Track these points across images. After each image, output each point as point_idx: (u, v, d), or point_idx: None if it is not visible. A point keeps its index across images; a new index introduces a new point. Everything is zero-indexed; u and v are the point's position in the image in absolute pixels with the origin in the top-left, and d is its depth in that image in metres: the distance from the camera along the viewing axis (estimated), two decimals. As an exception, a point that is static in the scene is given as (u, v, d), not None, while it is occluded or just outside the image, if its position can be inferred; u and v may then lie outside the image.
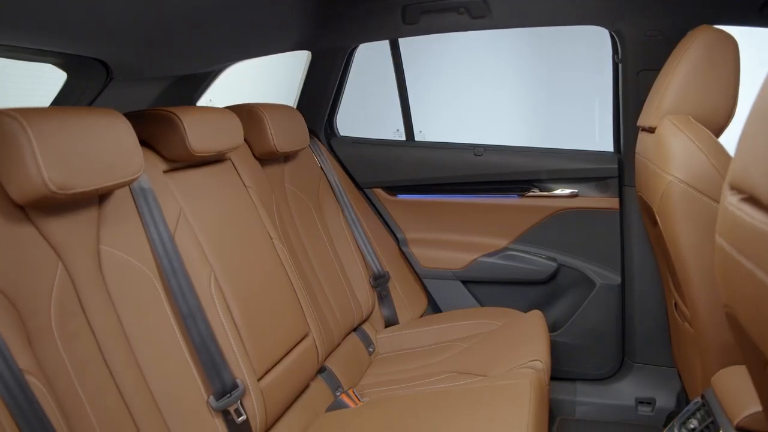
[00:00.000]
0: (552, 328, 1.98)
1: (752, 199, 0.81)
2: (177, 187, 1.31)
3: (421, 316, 2.06)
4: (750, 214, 0.80)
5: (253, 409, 1.24)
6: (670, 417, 1.91)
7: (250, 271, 1.40)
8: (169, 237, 1.20)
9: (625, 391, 1.95)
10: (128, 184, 1.11)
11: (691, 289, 1.33)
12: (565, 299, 2.01)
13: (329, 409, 1.54)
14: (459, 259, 2.03)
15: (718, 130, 1.40)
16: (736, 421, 1.12)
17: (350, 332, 1.85)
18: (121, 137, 1.09)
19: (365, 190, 2.13)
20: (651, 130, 1.47)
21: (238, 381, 1.22)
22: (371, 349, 1.88)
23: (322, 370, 1.64)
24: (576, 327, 1.98)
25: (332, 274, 1.82)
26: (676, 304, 1.64)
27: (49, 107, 1.09)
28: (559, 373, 2.00)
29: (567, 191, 1.94)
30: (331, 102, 2.10)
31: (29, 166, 0.92)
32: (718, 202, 1.31)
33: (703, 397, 1.28)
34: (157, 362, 1.11)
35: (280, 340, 1.41)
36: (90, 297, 1.03)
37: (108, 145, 1.05)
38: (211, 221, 1.35)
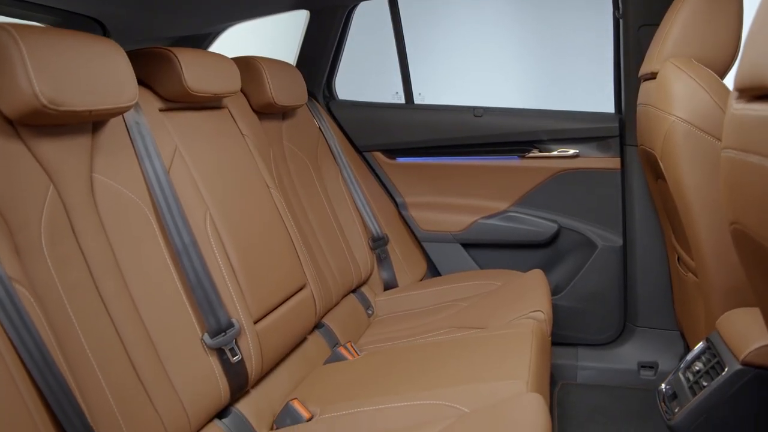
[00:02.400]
0: (553, 291, 1.96)
1: (762, 96, 0.79)
2: (173, 126, 1.29)
3: (420, 280, 2.04)
4: (759, 108, 0.78)
5: (249, 350, 1.22)
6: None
7: (246, 215, 1.38)
8: (164, 171, 1.18)
9: (628, 356, 1.93)
10: (122, 112, 1.09)
11: (696, 231, 1.31)
12: (566, 262, 1.98)
13: (327, 362, 1.52)
14: (459, 222, 2.01)
15: (723, 72, 1.38)
16: (741, 357, 1.10)
17: (349, 293, 1.82)
18: (116, 63, 1.07)
19: (364, 153, 2.11)
20: (653, 76, 1.45)
21: (234, 320, 1.20)
22: (370, 312, 1.86)
23: (320, 326, 1.62)
24: (577, 290, 1.95)
25: (330, 234, 1.80)
26: (679, 258, 1.62)
27: (44, 26, 1.07)
28: (560, 338, 1.98)
29: (568, 152, 1.92)
30: (330, 63, 2.09)
31: (20, 77, 0.90)
32: (721, 140, 1.30)
33: (707, 340, 1.25)
34: (150, 295, 1.09)
35: (277, 287, 1.39)
36: (82, 222, 1.01)
37: (102, 68, 1.03)
38: (206, 163, 1.33)
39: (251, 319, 1.26)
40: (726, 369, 1.12)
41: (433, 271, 2.10)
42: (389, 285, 1.96)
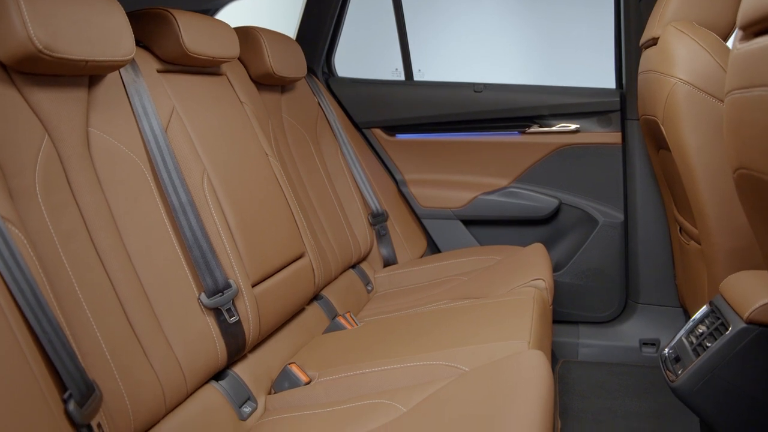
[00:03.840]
0: (554, 268, 1.94)
1: (766, 30, 0.78)
2: (171, 87, 1.28)
3: (420, 258, 2.02)
4: (763, 41, 0.77)
5: (246, 312, 1.20)
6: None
7: (244, 179, 1.36)
8: (161, 130, 1.17)
9: (629, 333, 1.91)
10: (119, 66, 1.08)
11: (698, 194, 1.29)
12: (567, 239, 1.97)
13: (326, 332, 1.50)
14: (459, 198, 2.00)
15: (725, 36, 1.37)
16: (746, 315, 1.08)
17: (348, 269, 1.81)
18: (113, 17, 1.06)
19: (364, 130, 2.10)
20: (654, 42, 1.44)
21: (231, 281, 1.18)
22: (369, 288, 1.84)
23: (319, 297, 1.60)
24: (578, 267, 1.94)
25: (329, 208, 1.79)
26: (681, 229, 1.61)
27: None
28: (561, 316, 1.96)
29: (569, 126, 1.91)
30: (329, 40, 2.08)
31: (15, 21, 0.89)
32: (723, 101, 1.29)
33: (711, 303, 1.24)
34: (145, 252, 1.07)
35: (275, 252, 1.37)
36: (77, 175, 0.99)
37: (99, 20, 1.02)
38: (204, 125, 1.32)
39: (249, 281, 1.24)
40: (730, 328, 1.11)
41: (433, 248, 2.08)
42: (389, 262, 1.94)
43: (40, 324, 0.77)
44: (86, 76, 1.06)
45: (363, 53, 2.41)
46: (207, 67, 1.42)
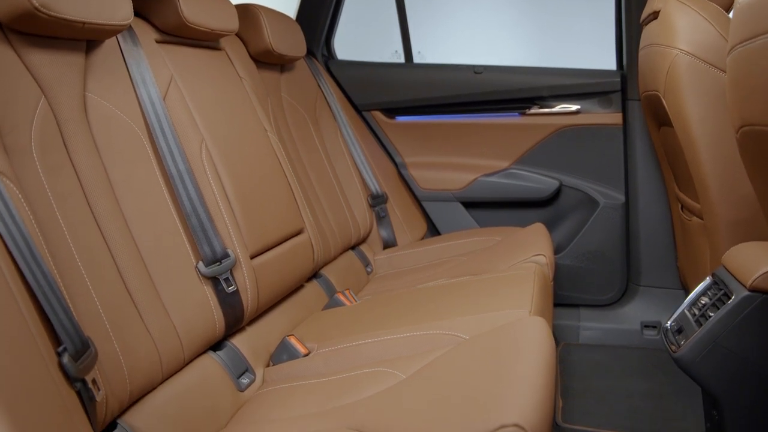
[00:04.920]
0: (554, 251, 1.93)
1: None
2: (169, 58, 1.27)
3: (420, 240, 2.01)
4: None
5: (245, 282, 1.19)
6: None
7: (243, 152, 1.35)
8: (159, 98, 1.16)
9: (630, 316, 1.90)
10: (116, 32, 1.07)
11: (700, 166, 1.28)
12: (567, 221, 1.96)
13: (325, 308, 1.49)
14: (459, 180, 1.99)
15: (728, 6, 1.36)
16: (749, 282, 1.07)
17: (348, 250, 1.80)
18: None
19: (363, 113, 2.09)
20: (654, 16, 1.43)
21: (229, 251, 1.17)
22: (369, 269, 1.83)
23: (318, 276, 1.59)
24: (579, 249, 1.93)
25: (329, 188, 1.78)
26: (682, 206, 1.60)
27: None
28: (562, 299, 1.95)
29: (569, 107, 1.90)
30: (328, 22, 2.07)
31: None
32: (725, 72, 1.28)
33: (713, 275, 1.23)
34: (143, 219, 1.06)
35: (274, 226, 1.36)
36: (74, 139, 0.98)
37: None
38: (202, 96, 1.31)
39: (247, 252, 1.23)
40: (733, 297, 1.09)
41: (433, 231, 2.07)
42: (388, 244, 1.93)
43: (34, 277, 0.76)
44: (84, 41, 1.05)
45: (363, 35, 2.40)
46: (206, 41, 1.41)
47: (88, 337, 0.81)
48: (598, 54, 2.04)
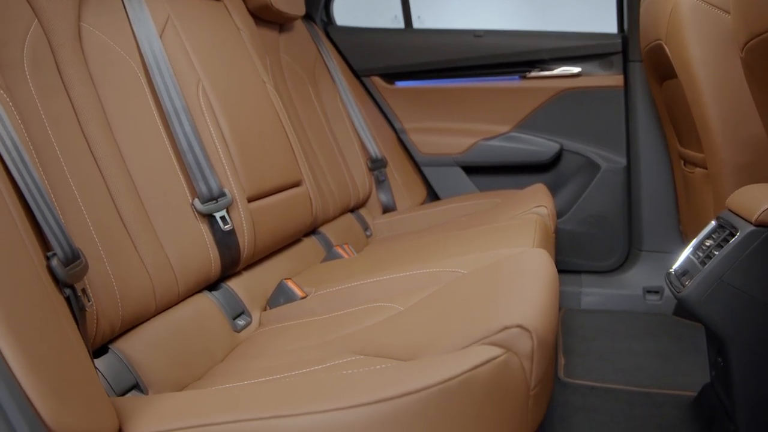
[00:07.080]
0: (556, 215, 1.91)
1: None
2: (167, 1, 1.25)
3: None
4: None
5: (241, 222, 1.17)
6: (680, 304, 1.82)
7: (241, 100, 1.33)
8: (156, 35, 1.14)
9: (632, 281, 1.88)
10: None
11: (704, 109, 1.27)
12: (569, 185, 1.94)
13: (324, 261, 1.47)
14: (459, 144, 1.97)
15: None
16: (754, 217, 1.05)
17: (347, 212, 1.78)
18: None
19: (363, 79, 2.07)
20: None
21: (226, 191, 1.15)
22: (368, 233, 1.81)
23: (317, 233, 1.57)
24: (581, 213, 1.91)
25: (328, 149, 1.76)
26: (685, 162, 1.58)
27: None
28: (563, 265, 1.93)
29: (570, 70, 1.88)
30: None
31: None
32: (728, 12, 1.26)
33: (718, 218, 1.21)
34: (138, 153, 1.04)
35: (271, 174, 1.34)
36: (68, 66, 0.97)
37: None
38: (200, 41, 1.29)
39: (244, 194, 1.21)
40: (738, 233, 1.07)
41: (433, 196, 2.05)
42: (388, 208, 1.91)
43: (24, 182, 0.74)
44: None
45: (362, 0, 2.38)
46: None
47: (79, 249, 0.79)
48: (599, 16, 2.02)
